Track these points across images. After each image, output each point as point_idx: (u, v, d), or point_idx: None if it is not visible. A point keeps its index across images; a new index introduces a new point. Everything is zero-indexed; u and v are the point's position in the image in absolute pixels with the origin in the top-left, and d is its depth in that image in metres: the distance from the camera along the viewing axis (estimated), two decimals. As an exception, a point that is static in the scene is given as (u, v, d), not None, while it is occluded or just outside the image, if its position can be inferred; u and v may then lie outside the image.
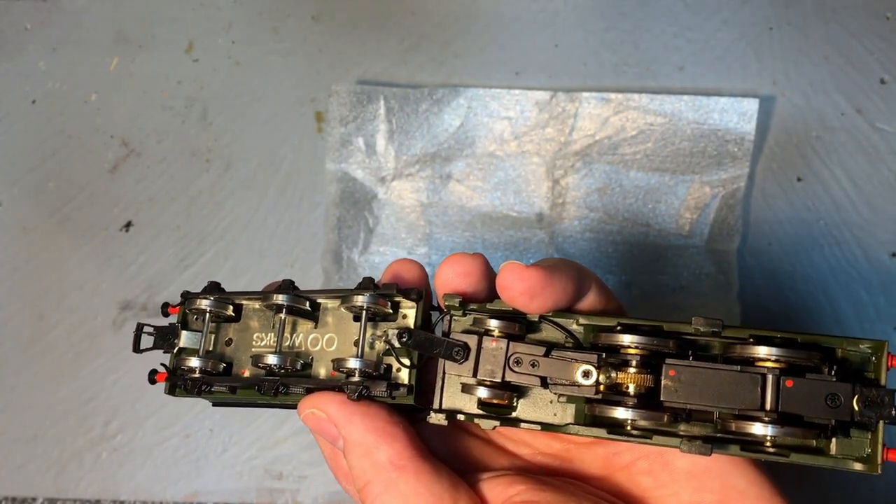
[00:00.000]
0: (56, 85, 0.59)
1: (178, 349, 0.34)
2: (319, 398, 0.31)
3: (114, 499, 0.52)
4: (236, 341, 0.35)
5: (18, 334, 0.55)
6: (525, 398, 0.32)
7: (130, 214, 0.57)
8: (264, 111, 0.58)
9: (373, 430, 0.30)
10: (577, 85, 0.55)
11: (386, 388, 0.30)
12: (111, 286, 0.55)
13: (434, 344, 0.31)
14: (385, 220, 0.54)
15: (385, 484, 0.29)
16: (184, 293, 0.35)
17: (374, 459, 0.29)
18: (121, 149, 0.58)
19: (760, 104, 0.52)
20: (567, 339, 0.31)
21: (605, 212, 0.53)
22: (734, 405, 0.28)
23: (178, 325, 0.35)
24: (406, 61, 0.57)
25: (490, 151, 0.54)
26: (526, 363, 0.30)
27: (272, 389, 0.32)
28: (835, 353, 0.29)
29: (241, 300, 0.35)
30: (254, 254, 0.55)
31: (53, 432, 0.53)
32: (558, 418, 0.31)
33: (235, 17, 0.59)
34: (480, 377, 0.31)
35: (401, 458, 0.29)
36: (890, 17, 0.55)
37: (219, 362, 0.34)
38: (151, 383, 0.34)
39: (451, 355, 0.31)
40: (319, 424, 0.31)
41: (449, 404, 0.31)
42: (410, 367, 0.31)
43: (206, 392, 0.33)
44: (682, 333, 0.30)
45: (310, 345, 0.34)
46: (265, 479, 0.52)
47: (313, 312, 0.33)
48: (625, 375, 0.29)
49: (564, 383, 0.30)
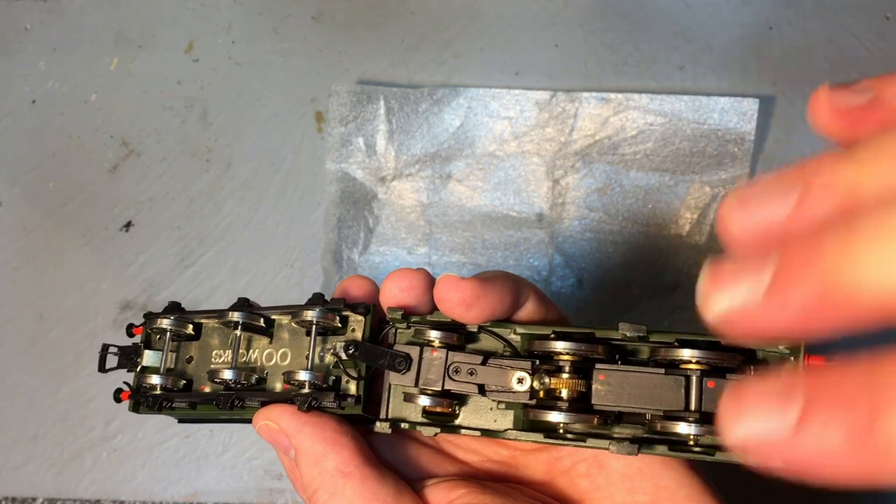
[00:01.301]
0: (56, 85, 0.59)
1: (141, 367, 0.36)
2: (272, 410, 0.32)
3: (114, 499, 0.52)
4: (196, 359, 0.36)
5: (18, 334, 0.55)
6: (466, 406, 0.33)
7: (130, 214, 0.57)
8: (264, 111, 0.58)
9: (321, 440, 0.31)
10: (577, 85, 0.55)
11: (334, 398, 0.31)
12: (111, 286, 0.55)
13: (378, 355, 0.32)
14: (385, 220, 0.54)
15: (332, 490, 0.30)
16: (146, 314, 0.36)
17: (322, 467, 0.30)
18: (121, 149, 0.58)
19: (760, 104, 0.52)
20: (504, 347, 0.33)
21: (605, 212, 0.53)
22: (660, 406, 0.30)
23: (141, 345, 0.36)
24: (406, 61, 0.57)
25: (490, 151, 0.54)
26: (464, 372, 0.32)
27: (228, 403, 0.33)
28: (755, 354, 0.30)
29: (201, 319, 0.36)
30: (254, 254, 0.55)
31: (53, 432, 0.53)
32: (498, 424, 0.32)
33: (235, 17, 0.59)
34: (422, 386, 0.32)
35: (348, 465, 0.30)
36: (890, 17, 0.55)
37: (179, 379, 0.35)
38: (117, 402, 0.36)
39: (395, 366, 0.32)
40: (272, 435, 0.32)
41: (395, 414, 0.33)
42: (358, 379, 0.32)
43: (168, 408, 0.35)
44: (611, 339, 0.31)
45: (265, 360, 0.35)
46: (265, 479, 0.52)
47: (268, 329, 0.35)
48: (558, 381, 0.30)
49: (501, 390, 0.31)
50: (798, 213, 0.17)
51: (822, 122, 0.21)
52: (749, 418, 0.16)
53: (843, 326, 0.16)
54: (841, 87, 0.21)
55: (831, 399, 0.15)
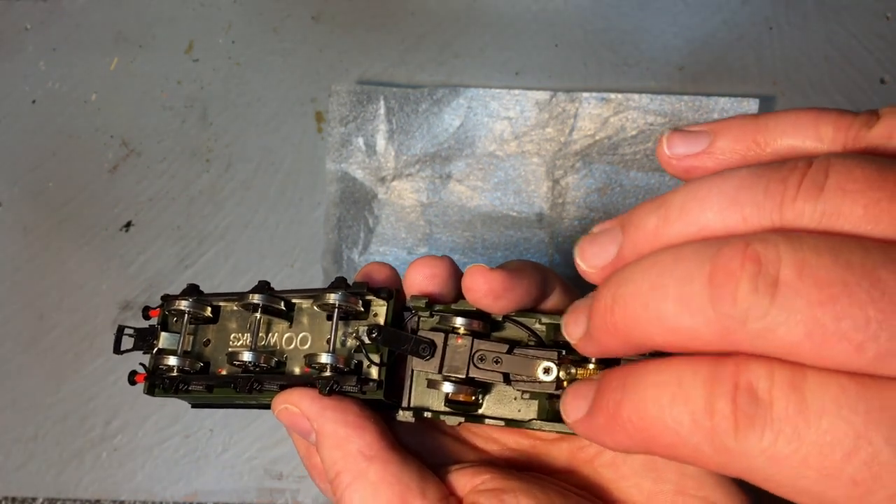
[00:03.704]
0: (56, 85, 0.59)
1: (157, 350, 0.35)
2: (292, 394, 0.32)
3: (114, 499, 0.52)
4: (214, 342, 0.35)
5: (18, 334, 0.55)
6: (490, 395, 0.33)
7: (130, 214, 0.57)
8: (264, 111, 0.58)
9: (343, 423, 0.30)
10: (577, 85, 0.55)
11: (356, 382, 0.31)
12: (111, 286, 0.55)
13: (402, 340, 0.32)
14: (385, 220, 0.54)
15: (355, 473, 0.30)
16: (163, 296, 0.36)
17: (345, 450, 0.30)
18: (121, 149, 0.58)
19: (760, 104, 0.52)
20: (530, 337, 0.32)
21: (605, 212, 0.53)
22: None
23: (158, 327, 0.36)
24: (406, 61, 0.57)
25: (490, 151, 0.54)
26: (490, 360, 0.31)
27: (247, 386, 0.32)
28: None
29: (219, 302, 0.35)
30: (254, 254, 0.55)
31: (53, 432, 0.53)
32: (522, 414, 0.32)
33: (235, 17, 0.59)
34: (446, 373, 0.32)
35: (371, 448, 0.30)
36: (890, 17, 0.55)
37: (196, 361, 0.35)
38: (131, 384, 0.35)
39: (418, 351, 0.32)
40: (293, 419, 0.31)
41: (417, 402, 0.32)
42: (380, 364, 0.32)
43: (184, 391, 0.34)
44: None
45: (284, 344, 0.34)
46: (265, 479, 0.52)
47: (288, 312, 0.34)
48: (584, 371, 0.30)
49: (526, 380, 0.31)
50: (618, 258, 0.24)
51: (665, 167, 0.26)
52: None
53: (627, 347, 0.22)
54: (681, 132, 0.25)
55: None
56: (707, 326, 0.20)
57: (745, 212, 0.21)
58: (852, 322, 0.18)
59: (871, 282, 0.18)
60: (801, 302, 0.18)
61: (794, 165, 0.20)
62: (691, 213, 0.22)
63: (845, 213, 0.19)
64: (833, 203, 0.19)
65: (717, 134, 0.25)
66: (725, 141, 0.25)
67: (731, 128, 0.25)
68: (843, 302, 0.18)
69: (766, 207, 0.20)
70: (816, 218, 0.20)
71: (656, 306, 0.21)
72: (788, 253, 0.19)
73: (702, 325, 0.20)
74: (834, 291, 0.18)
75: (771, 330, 0.19)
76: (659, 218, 0.22)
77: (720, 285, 0.19)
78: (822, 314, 0.18)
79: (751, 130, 0.25)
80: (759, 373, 0.20)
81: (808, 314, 0.18)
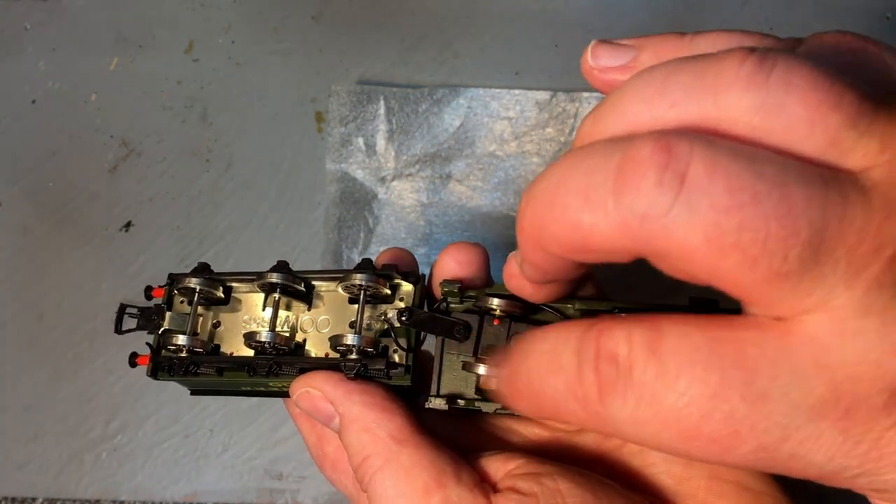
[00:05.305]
0: (56, 85, 0.59)
1: (163, 330, 0.33)
2: (315, 377, 0.30)
3: (114, 499, 0.52)
4: (224, 324, 0.34)
5: (18, 334, 0.55)
6: None
7: (130, 214, 0.57)
8: (264, 111, 0.58)
9: (371, 406, 0.29)
10: (577, 85, 0.55)
11: (384, 366, 0.30)
12: (111, 286, 0.55)
13: (435, 322, 0.30)
14: (385, 220, 0.54)
15: (385, 457, 0.28)
16: (170, 275, 0.34)
17: (374, 434, 0.29)
18: (121, 149, 0.58)
19: (760, 104, 0.52)
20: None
21: (605, 212, 0.53)
22: None
23: (164, 306, 0.34)
24: (406, 61, 0.57)
25: (490, 151, 0.54)
26: None
27: (265, 369, 0.31)
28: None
29: (232, 282, 0.33)
30: (254, 254, 0.55)
31: (53, 432, 0.53)
32: None
33: (235, 17, 0.59)
34: (481, 355, 0.31)
35: (401, 432, 0.29)
36: (890, 18, 0.55)
37: (207, 342, 0.33)
38: (132, 366, 0.33)
39: (452, 333, 0.30)
40: (314, 403, 0.30)
41: (447, 390, 0.31)
42: (408, 350, 0.31)
43: (193, 373, 0.32)
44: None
45: (302, 327, 0.33)
46: (265, 479, 0.52)
47: (307, 294, 0.33)
48: None
49: None
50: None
51: (588, 78, 0.26)
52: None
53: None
54: (607, 44, 0.25)
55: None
56: (606, 221, 0.18)
57: (673, 97, 0.19)
58: (753, 235, 0.17)
59: (781, 196, 0.17)
60: (705, 203, 0.17)
61: (735, 51, 0.18)
62: (618, 105, 0.20)
63: (786, 111, 0.18)
64: (776, 96, 0.18)
65: (643, 49, 0.25)
66: (650, 56, 0.24)
67: (657, 43, 0.24)
68: (748, 212, 0.17)
69: (698, 95, 0.19)
70: (752, 110, 0.18)
71: (560, 201, 0.19)
72: (702, 149, 0.17)
73: (601, 220, 0.18)
74: (742, 199, 0.17)
75: (669, 230, 0.18)
76: (593, 117, 0.21)
77: (625, 176, 0.18)
78: (725, 221, 0.17)
79: (676, 46, 0.24)
80: (618, 338, 0.19)
81: (711, 218, 0.17)
